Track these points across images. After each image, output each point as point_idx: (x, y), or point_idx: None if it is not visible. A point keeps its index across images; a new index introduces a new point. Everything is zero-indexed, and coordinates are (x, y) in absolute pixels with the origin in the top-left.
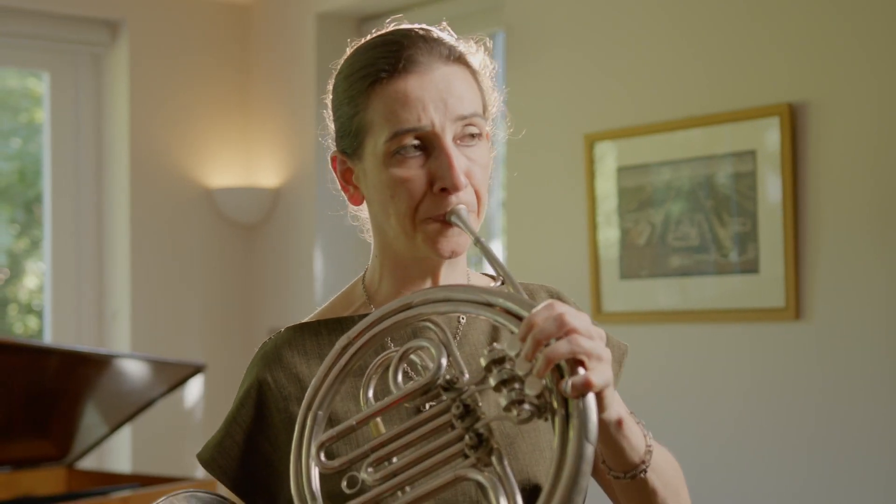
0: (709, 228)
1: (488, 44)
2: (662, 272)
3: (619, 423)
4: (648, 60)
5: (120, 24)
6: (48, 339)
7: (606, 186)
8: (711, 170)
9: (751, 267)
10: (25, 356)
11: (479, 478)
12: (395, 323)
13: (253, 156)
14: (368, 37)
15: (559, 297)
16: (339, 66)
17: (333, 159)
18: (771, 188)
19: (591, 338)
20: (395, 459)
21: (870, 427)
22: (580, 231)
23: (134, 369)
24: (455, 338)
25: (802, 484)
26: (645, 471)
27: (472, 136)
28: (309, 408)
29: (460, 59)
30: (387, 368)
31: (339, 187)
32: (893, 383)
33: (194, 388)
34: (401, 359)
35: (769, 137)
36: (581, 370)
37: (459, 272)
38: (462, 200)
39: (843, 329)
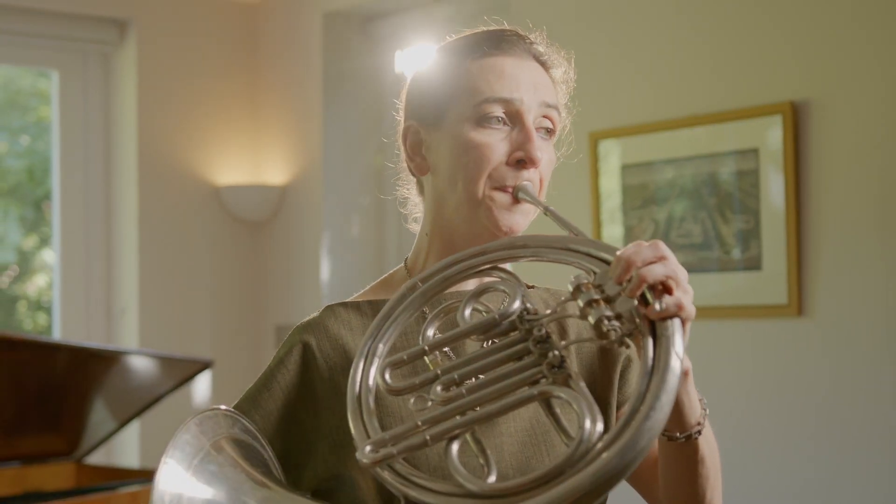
0: (712, 226)
1: (571, 59)
2: None
3: (686, 373)
4: (652, 59)
5: (128, 22)
6: (57, 335)
7: (610, 184)
8: (714, 168)
9: (753, 264)
10: (35, 352)
11: (564, 394)
12: (466, 267)
13: (260, 154)
14: (464, 32)
15: None
16: (430, 56)
17: (405, 130)
18: (774, 186)
19: (682, 272)
20: (458, 388)
21: (872, 423)
22: (584, 228)
23: (142, 365)
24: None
25: (805, 480)
26: (700, 433)
27: (547, 130)
28: (372, 338)
29: (547, 66)
30: (444, 315)
31: (405, 159)
32: (895, 380)
33: (202, 384)
34: (474, 297)
35: (772, 135)
36: (668, 296)
37: None
38: (530, 178)
39: (845, 326)
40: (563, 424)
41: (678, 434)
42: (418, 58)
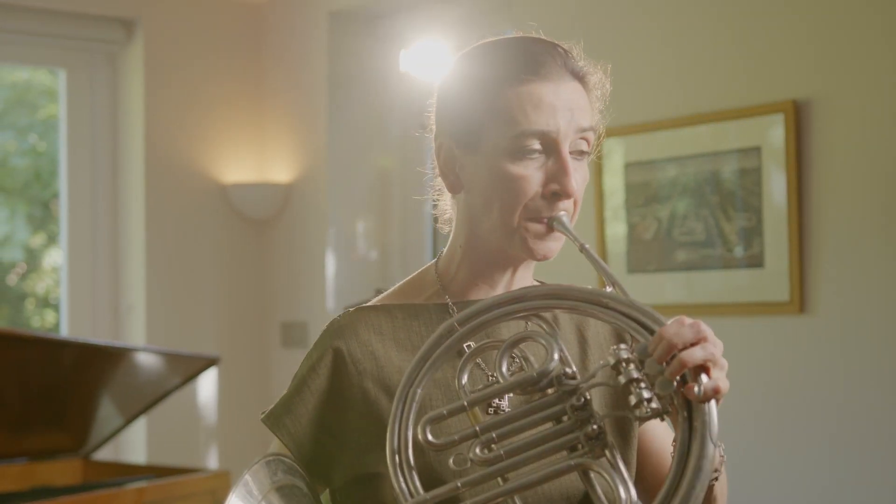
0: (714, 223)
1: (607, 69)
2: (669, 266)
3: None
4: (655, 59)
5: (135, 22)
6: (65, 332)
7: (614, 182)
8: (717, 166)
9: (756, 261)
10: (42, 349)
11: (599, 468)
12: (504, 313)
13: (266, 152)
14: (498, 38)
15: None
16: (461, 61)
17: (439, 146)
18: (776, 184)
19: (718, 348)
20: (495, 446)
21: (874, 420)
22: (588, 226)
23: (148, 362)
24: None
25: (806, 477)
26: (717, 479)
27: (581, 151)
28: (410, 384)
29: (584, 78)
30: (471, 359)
31: (438, 174)
32: None
33: (208, 381)
34: (511, 346)
35: (774, 134)
36: (705, 377)
37: (529, 275)
38: (565, 207)
39: (847, 323)
40: (598, 490)
41: None
42: (447, 62)
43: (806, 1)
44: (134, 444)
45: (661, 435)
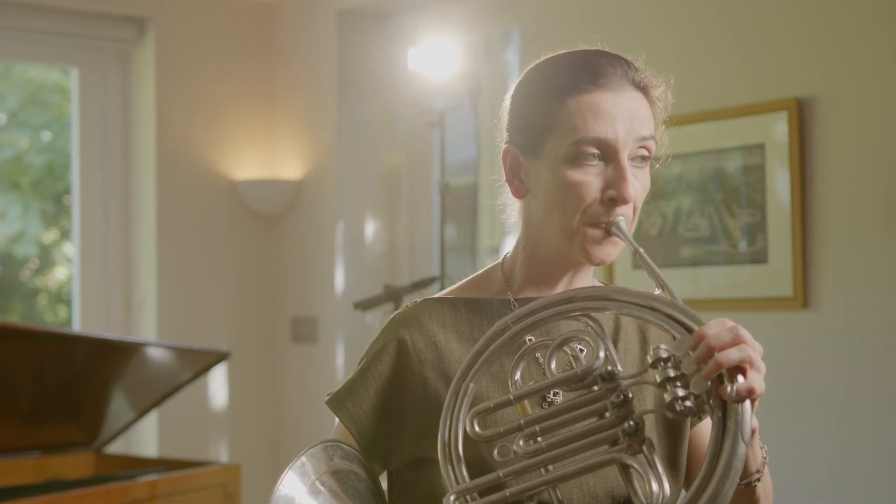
0: (719, 220)
1: (670, 82)
2: (674, 262)
3: (753, 432)
4: (659, 57)
5: (147, 21)
6: (77, 327)
7: None
8: (721, 163)
9: (759, 257)
10: (55, 344)
11: (635, 463)
12: (555, 313)
13: (276, 149)
14: (566, 51)
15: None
16: (530, 72)
17: (506, 153)
18: (779, 181)
19: (756, 350)
20: (539, 439)
21: (877, 415)
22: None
23: (160, 356)
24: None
25: (809, 470)
26: (759, 479)
27: (643, 158)
28: (463, 378)
29: (646, 89)
30: (527, 355)
31: (505, 179)
32: None
33: (218, 375)
34: (558, 346)
35: (777, 131)
36: (741, 378)
37: (588, 276)
38: (623, 213)
39: (850, 317)
40: (635, 486)
41: (741, 481)
42: (520, 76)
43: (808, 0)
44: (145, 438)
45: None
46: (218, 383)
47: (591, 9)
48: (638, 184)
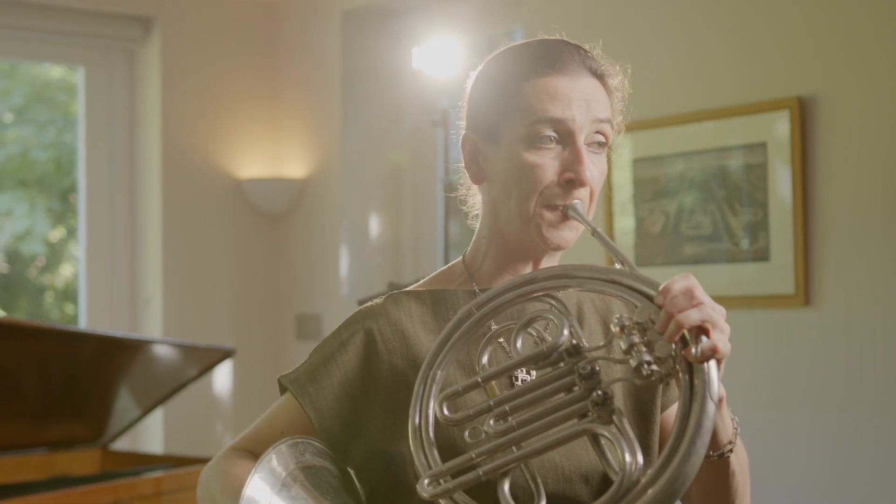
0: (721, 218)
1: (627, 71)
2: (676, 260)
3: (721, 400)
4: (662, 56)
5: (152, 20)
6: (83, 324)
7: (622, 177)
8: (723, 161)
9: (761, 255)
10: (62, 341)
11: (606, 432)
12: (517, 295)
13: (280, 147)
14: (523, 41)
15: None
16: (489, 61)
17: (465, 140)
18: (781, 179)
19: (718, 312)
20: (509, 418)
21: (876, 411)
22: (597, 220)
23: (165, 354)
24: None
25: (809, 467)
26: (731, 450)
27: (599, 144)
28: (431, 365)
29: (602, 77)
30: (492, 340)
31: (464, 166)
32: None
33: (224, 372)
34: (523, 326)
35: (779, 130)
36: (704, 338)
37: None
38: (580, 197)
39: (851, 315)
40: (608, 457)
41: (711, 452)
42: (477, 63)
43: None
44: (151, 435)
45: None
46: (223, 380)
47: (593, 8)
48: (595, 169)
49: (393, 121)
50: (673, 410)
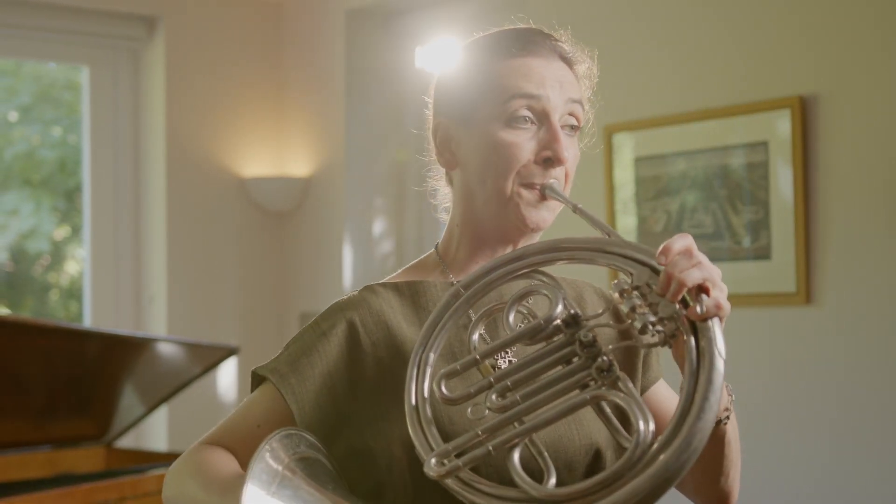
0: (723, 216)
1: (594, 57)
2: None
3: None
4: (665, 54)
5: (157, 19)
6: (88, 322)
7: (624, 176)
8: (725, 160)
9: (763, 253)
10: (67, 339)
11: (618, 399)
12: (506, 272)
13: (285, 146)
14: (494, 30)
15: (604, 296)
16: (460, 50)
17: (435, 127)
18: (782, 177)
19: (715, 272)
20: (513, 394)
21: (877, 409)
22: (599, 219)
23: (170, 352)
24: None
25: (813, 466)
26: (728, 418)
27: (572, 127)
28: (422, 348)
29: (571, 63)
30: (483, 319)
31: (434, 154)
32: None
33: (228, 370)
34: (516, 301)
35: (781, 128)
36: (705, 297)
37: None
38: (556, 176)
39: (852, 313)
40: (616, 425)
41: None
42: (445, 54)
43: None
44: (156, 432)
45: (668, 397)
46: (227, 378)
47: (595, 8)
48: (570, 152)
49: (396, 120)
50: (655, 392)
